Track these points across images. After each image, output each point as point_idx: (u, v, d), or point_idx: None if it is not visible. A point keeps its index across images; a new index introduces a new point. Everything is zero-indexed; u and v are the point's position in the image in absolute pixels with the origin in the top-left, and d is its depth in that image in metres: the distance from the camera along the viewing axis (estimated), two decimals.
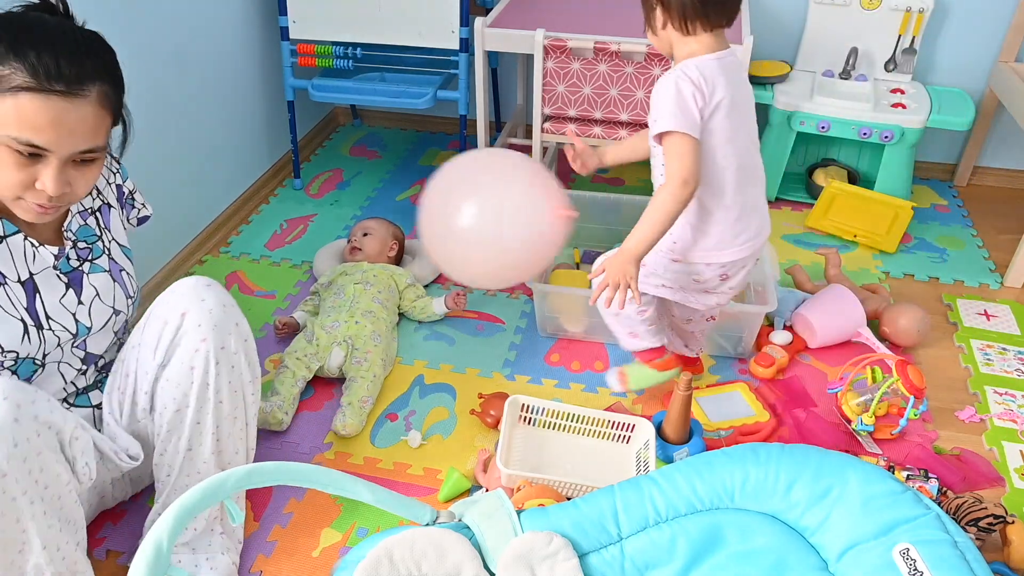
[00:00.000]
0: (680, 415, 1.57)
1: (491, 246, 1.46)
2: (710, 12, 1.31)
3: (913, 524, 1.04)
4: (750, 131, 1.44)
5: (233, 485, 0.99)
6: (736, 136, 1.39)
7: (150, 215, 1.49)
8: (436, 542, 1.09)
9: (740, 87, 1.39)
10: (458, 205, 1.48)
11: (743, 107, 1.40)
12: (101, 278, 1.32)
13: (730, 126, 1.36)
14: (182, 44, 2.06)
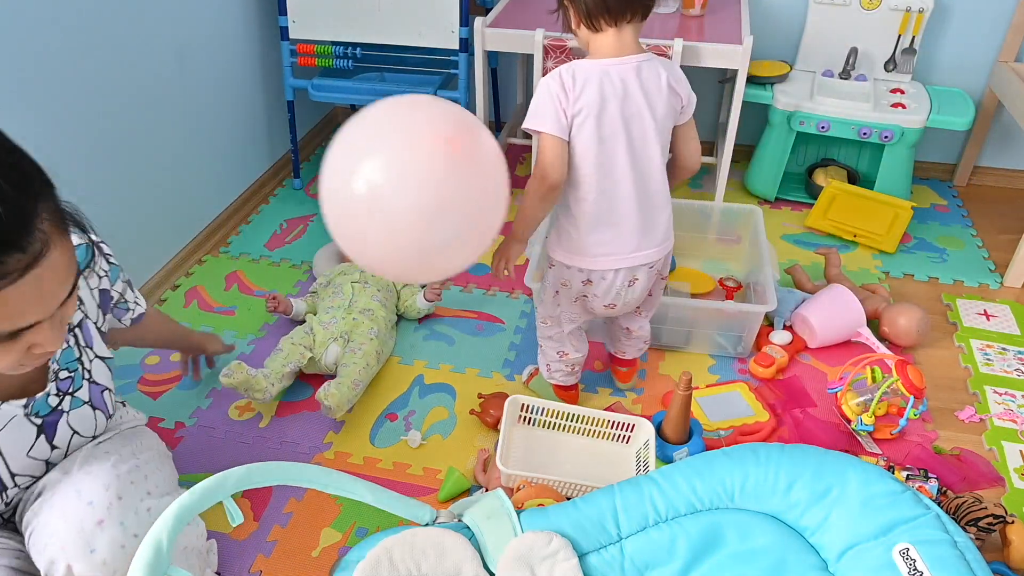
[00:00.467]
0: (680, 415, 1.57)
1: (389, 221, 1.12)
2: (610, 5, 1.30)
3: (913, 524, 1.04)
4: (634, 146, 1.38)
5: (233, 485, 0.99)
6: (605, 146, 1.36)
7: (144, 311, 1.37)
8: (436, 542, 1.09)
9: (627, 98, 1.35)
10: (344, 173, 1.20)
11: (622, 118, 1.35)
12: (80, 413, 1.17)
13: (597, 134, 1.35)
14: (182, 44, 2.06)
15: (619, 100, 1.35)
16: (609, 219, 1.41)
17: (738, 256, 2.18)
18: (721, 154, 2.26)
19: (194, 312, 2.04)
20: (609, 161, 1.37)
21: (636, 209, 1.41)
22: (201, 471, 1.58)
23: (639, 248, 1.44)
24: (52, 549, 1.05)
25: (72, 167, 1.76)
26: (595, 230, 1.42)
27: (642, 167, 1.39)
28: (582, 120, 1.34)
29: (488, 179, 1.16)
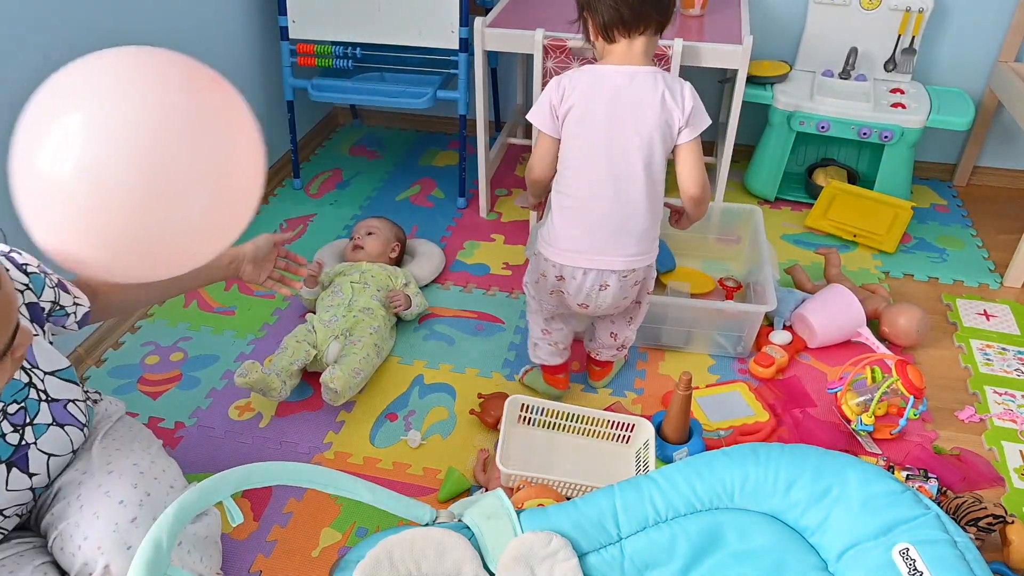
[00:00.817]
0: (680, 415, 1.57)
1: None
2: (625, 17, 1.35)
3: (913, 524, 1.04)
4: (614, 151, 1.40)
5: (233, 485, 0.99)
6: (586, 146, 1.41)
7: (89, 308, 1.22)
8: (436, 542, 1.09)
9: (614, 104, 1.38)
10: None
11: (606, 122, 1.39)
12: (48, 437, 1.11)
13: (581, 134, 1.40)
14: (182, 44, 2.06)
15: (606, 104, 1.39)
16: (582, 218, 1.44)
17: (738, 256, 2.18)
18: (721, 154, 2.26)
19: (194, 312, 2.04)
20: (588, 161, 1.41)
21: (608, 214, 1.43)
22: (201, 471, 1.58)
23: (608, 253, 1.45)
24: (87, 551, 1.06)
25: None
26: (569, 225, 1.45)
27: (619, 173, 1.41)
28: (570, 119, 1.41)
29: (224, 139, 0.98)
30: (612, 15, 1.36)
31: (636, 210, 1.44)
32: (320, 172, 2.70)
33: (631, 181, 1.41)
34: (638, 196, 1.43)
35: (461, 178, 2.46)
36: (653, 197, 1.45)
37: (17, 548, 1.11)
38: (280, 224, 2.41)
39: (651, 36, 1.40)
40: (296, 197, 2.55)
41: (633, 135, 1.39)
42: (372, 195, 2.57)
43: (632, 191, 1.42)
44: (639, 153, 1.40)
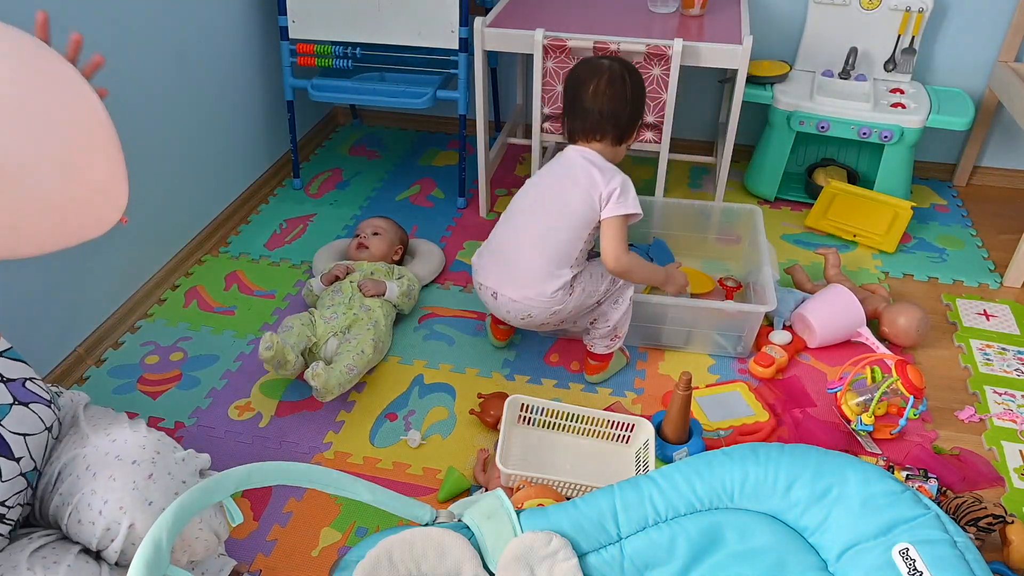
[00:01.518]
0: (679, 415, 1.57)
1: None
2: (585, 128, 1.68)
3: (912, 524, 1.04)
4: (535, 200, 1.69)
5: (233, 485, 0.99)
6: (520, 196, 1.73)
7: None
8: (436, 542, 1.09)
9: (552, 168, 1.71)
10: None
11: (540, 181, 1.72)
12: (13, 418, 1.08)
13: (539, 175, 1.74)
14: (182, 44, 2.06)
15: (548, 167, 1.71)
16: (494, 234, 1.74)
17: (738, 256, 2.18)
18: (721, 154, 2.26)
19: (194, 312, 2.04)
20: (516, 198, 1.73)
21: (506, 240, 1.70)
22: None
23: (499, 276, 1.69)
24: (109, 513, 1.05)
25: None
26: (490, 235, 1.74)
27: (528, 214, 1.68)
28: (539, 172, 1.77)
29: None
30: (573, 123, 1.69)
31: (525, 256, 1.65)
32: (320, 172, 2.70)
33: (530, 228, 1.66)
34: (530, 240, 1.65)
35: (461, 178, 2.46)
36: (549, 248, 1.64)
37: (47, 539, 1.10)
38: (280, 224, 2.41)
39: (608, 145, 1.68)
40: (296, 197, 2.55)
41: (552, 197, 1.66)
42: (372, 195, 2.57)
43: (527, 235, 1.66)
44: (552, 208, 1.65)
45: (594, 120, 1.65)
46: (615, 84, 1.63)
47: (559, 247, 1.63)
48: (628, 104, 1.65)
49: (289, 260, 2.24)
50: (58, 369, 1.78)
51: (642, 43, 1.97)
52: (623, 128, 1.67)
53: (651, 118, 2.11)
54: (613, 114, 1.64)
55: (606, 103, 1.63)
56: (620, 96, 1.64)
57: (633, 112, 1.67)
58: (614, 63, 1.67)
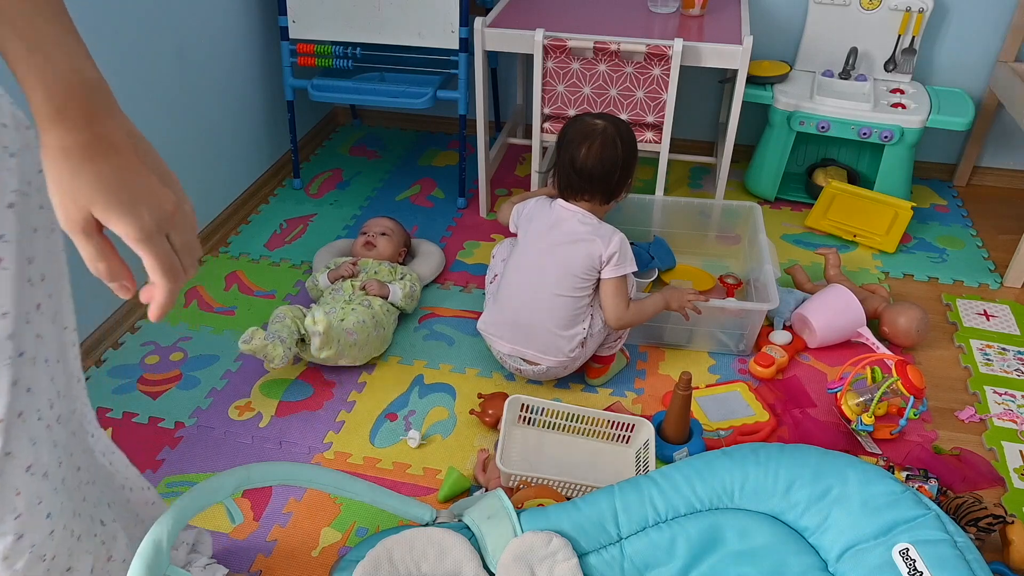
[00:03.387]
0: (680, 415, 1.57)
1: None
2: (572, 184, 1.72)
3: (913, 524, 1.04)
4: (532, 261, 1.71)
5: (233, 485, 0.99)
6: (520, 247, 1.76)
7: None
8: (436, 542, 1.09)
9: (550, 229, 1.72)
10: None
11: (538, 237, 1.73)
12: None
13: (528, 228, 1.77)
14: (182, 44, 2.06)
15: (543, 226, 1.72)
16: (500, 299, 1.75)
17: (738, 254, 2.18)
18: (721, 154, 2.26)
19: (194, 312, 2.04)
20: (518, 264, 1.74)
21: (517, 307, 1.71)
22: (201, 471, 1.59)
23: (514, 342, 1.71)
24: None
25: None
26: (497, 304, 1.76)
27: (534, 280, 1.69)
28: (524, 215, 1.80)
29: None
30: (564, 181, 1.71)
31: (539, 316, 1.68)
32: (320, 172, 2.70)
33: (540, 288, 1.68)
34: (543, 303, 1.67)
35: (461, 178, 2.46)
36: (560, 311, 1.66)
37: None
38: (280, 224, 2.41)
39: (596, 204, 1.72)
40: (296, 197, 2.55)
41: (551, 256, 1.68)
42: (372, 195, 2.56)
43: (538, 297, 1.68)
44: (552, 269, 1.67)
45: (585, 181, 1.68)
46: (607, 148, 1.66)
47: (567, 316, 1.67)
48: (619, 168, 1.68)
49: (289, 260, 2.24)
50: None
51: (642, 43, 1.97)
52: (612, 190, 1.71)
53: (651, 118, 2.11)
54: (604, 177, 1.68)
55: (598, 166, 1.66)
56: (612, 160, 1.67)
57: (623, 175, 1.71)
58: (608, 125, 1.69)
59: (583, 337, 1.68)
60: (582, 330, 1.68)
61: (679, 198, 2.22)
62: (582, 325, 1.68)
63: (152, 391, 1.79)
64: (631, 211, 2.16)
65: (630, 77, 2.05)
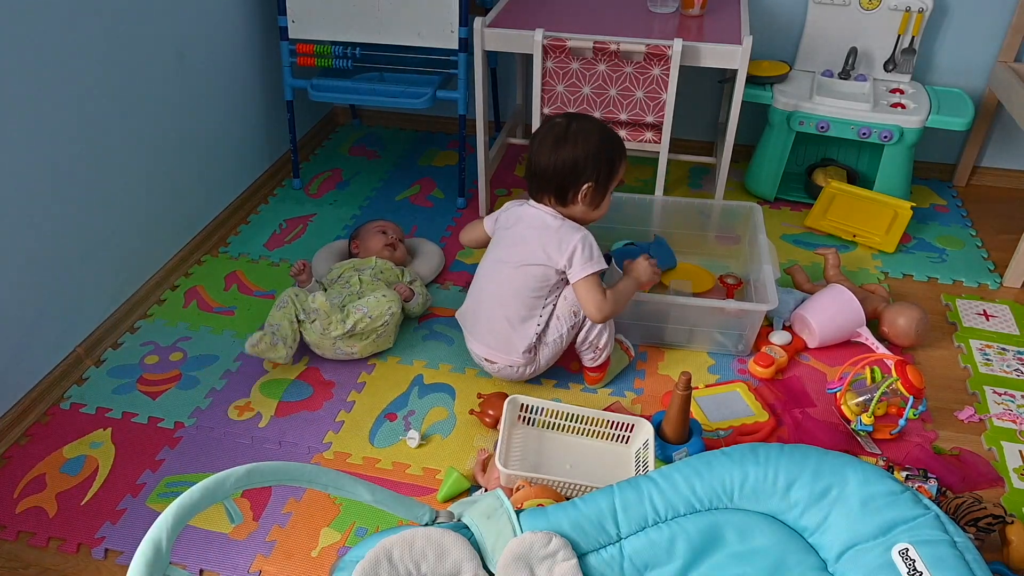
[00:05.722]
0: (679, 415, 1.57)
1: None
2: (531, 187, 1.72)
3: (912, 524, 1.04)
4: (497, 259, 1.71)
5: (232, 485, 0.99)
6: (490, 248, 1.78)
7: None
8: (435, 542, 1.09)
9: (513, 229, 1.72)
10: None
11: (505, 238, 1.73)
12: None
13: (500, 236, 1.76)
14: (182, 44, 2.06)
15: (509, 228, 1.73)
16: (472, 292, 1.78)
17: (738, 254, 2.18)
18: (721, 154, 2.26)
19: (193, 312, 2.04)
20: (484, 261, 1.77)
21: (478, 304, 1.74)
22: (201, 471, 1.59)
23: (475, 336, 1.75)
24: None
25: (72, 166, 1.76)
26: (470, 291, 1.80)
27: (495, 273, 1.71)
28: (500, 224, 1.77)
29: None
30: (527, 181, 1.72)
31: (494, 313, 1.70)
32: (320, 172, 2.70)
33: (498, 286, 1.70)
34: (497, 301, 1.69)
35: (461, 178, 2.46)
36: (514, 304, 1.68)
37: None
38: (280, 224, 2.41)
39: (555, 204, 1.68)
40: (296, 197, 2.55)
41: (511, 257, 1.68)
42: (372, 195, 2.56)
43: (493, 296, 1.70)
44: (512, 271, 1.67)
45: (537, 180, 1.67)
46: (558, 146, 1.62)
47: (522, 305, 1.67)
48: (569, 167, 1.62)
49: (289, 260, 2.24)
50: (58, 369, 1.78)
51: (642, 43, 1.97)
52: (558, 189, 1.65)
53: (651, 118, 2.11)
54: (544, 174, 1.64)
55: (541, 163, 1.64)
56: (552, 157, 1.62)
57: (567, 174, 1.63)
58: (567, 122, 1.64)
59: (532, 340, 1.68)
60: (535, 328, 1.68)
61: (679, 198, 2.22)
62: (535, 323, 1.68)
63: (152, 391, 1.79)
64: (631, 211, 2.16)
65: (630, 77, 2.05)
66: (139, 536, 0.89)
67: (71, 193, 1.77)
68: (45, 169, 1.69)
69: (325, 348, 1.82)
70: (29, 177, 1.65)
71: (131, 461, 1.62)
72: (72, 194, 1.77)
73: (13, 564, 1.43)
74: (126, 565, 1.34)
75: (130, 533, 1.46)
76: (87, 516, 1.51)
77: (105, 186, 1.87)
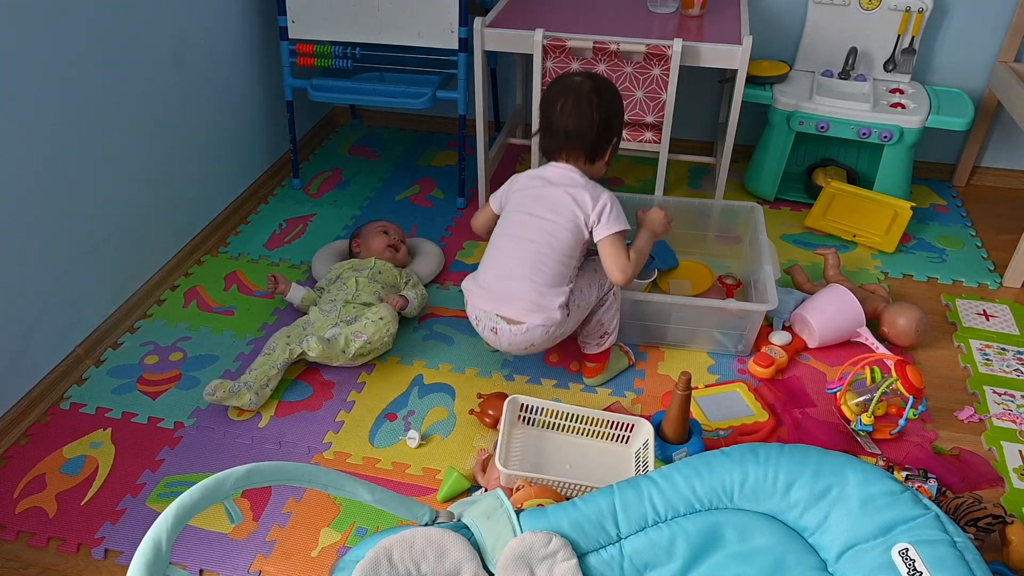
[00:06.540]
0: (679, 415, 1.57)
1: None
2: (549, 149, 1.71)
3: (912, 524, 1.04)
4: (518, 224, 1.67)
5: (232, 485, 0.99)
6: (506, 215, 1.72)
7: None
8: (435, 542, 1.09)
9: (535, 193, 1.69)
10: None
11: (525, 202, 1.69)
12: None
13: (508, 206, 1.73)
14: (182, 44, 2.06)
15: (529, 191, 1.70)
16: (488, 261, 1.71)
17: (738, 254, 2.18)
18: (721, 154, 2.26)
19: (193, 312, 2.04)
20: (503, 226, 1.72)
21: (499, 268, 1.68)
22: (201, 471, 1.59)
23: (494, 302, 1.66)
24: None
25: (71, 166, 1.76)
26: (481, 263, 1.73)
27: (522, 237, 1.65)
28: (510, 195, 1.74)
29: None
30: (546, 143, 1.70)
31: (516, 275, 1.65)
32: (320, 172, 2.70)
33: (523, 250, 1.65)
34: (520, 266, 1.64)
35: (460, 178, 2.46)
36: (545, 278, 1.63)
37: None
38: (280, 224, 2.41)
39: (581, 163, 1.68)
40: (296, 197, 2.55)
41: (539, 219, 1.65)
42: (372, 195, 2.56)
43: (518, 259, 1.65)
44: (541, 232, 1.64)
45: (561, 140, 1.66)
46: (581, 104, 1.62)
47: (552, 273, 1.63)
48: (595, 124, 1.63)
49: (289, 260, 2.24)
50: (58, 370, 1.78)
51: (642, 43, 1.97)
52: (592, 148, 1.66)
53: (650, 118, 2.11)
54: (579, 134, 1.64)
55: (572, 123, 1.63)
56: (587, 116, 1.62)
57: (601, 132, 1.65)
58: (586, 81, 1.65)
59: (564, 300, 1.63)
60: (563, 295, 1.64)
61: (679, 198, 2.22)
62: (568, 280, 1.65)
63: (152, 391, 1.79)
64: (631, 211, 2.15)
65: (629, 77, 2.05)
66: (139, 536, 0.89)
67: (71, 193, 1.77)
68: (45, 169, 1.69)
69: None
70: (29, 177, 1.65)
71: (131, 461, 1.62)
72: (72, 194, 1.77)
73: (13, 564, 1.43)
74: (126, 565, 1.34)
75: (130, 533, 1.46)
76: (87, 516, 1.51)
77: (105, 186, 1.87)
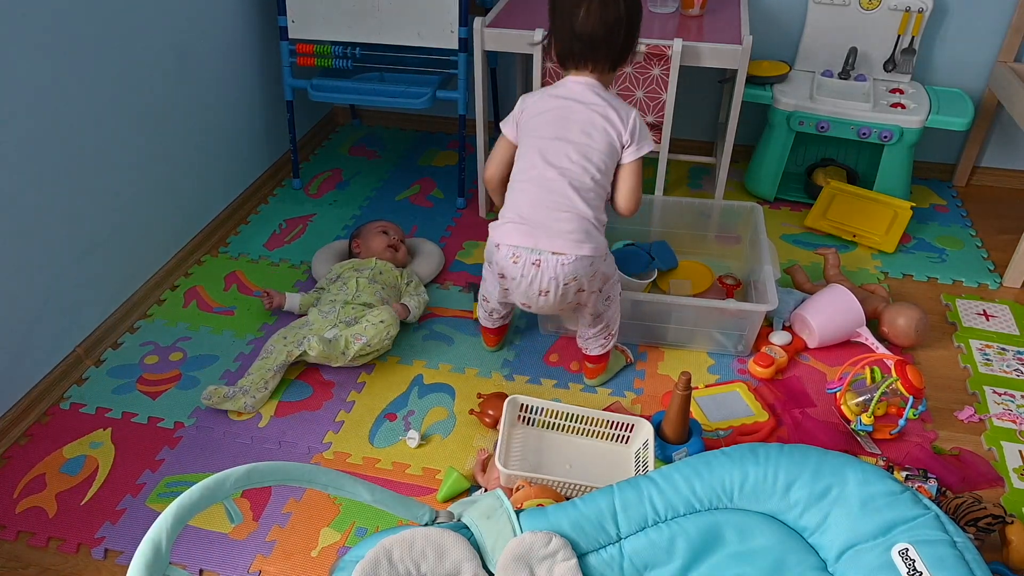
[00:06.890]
0: (679, 415, 1.57)
1: None
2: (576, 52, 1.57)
3: (912, 524, 1.04)
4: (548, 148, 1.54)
5: (232, 485, 0.99)
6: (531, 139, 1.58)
7: None
8: (435, 542, 1.09)
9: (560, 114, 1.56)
10: None
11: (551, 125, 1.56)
12: None
13: (529, 130, 1.60)
14: (181, 44, 2.06)
15: (551, 114, 1.57)
16: (518, 195, 1.57)
17: (738, 254, 2.18)
18: (721, 154, 2.26)
19: (193, 312, 2.04)
20: (527, 156, 1.58)
21: (535, 199, 1.54)
22: (201, 471, 1.59)
23: (534, 236, 1.52)
24: None
25: (71, 166, 1.76)
26: (508, 201, 1.58)
27: (552, 166, 1.53)
28: (525, 120, 1.61)
29: None
30: (565, 50, 1.57)
31: (560, 204, 1.52)
32: (320, 172, 2.70)
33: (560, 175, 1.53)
34: (564, 191, 1.52)
35: (460, 178, 2.46)
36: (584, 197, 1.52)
37: None
38: (279, 224, 2.41)
39: (604, 72, 1.58)
40: (296, 197, 2.55)
41: (569, 141, 1.54)
42: (372, 195, 2.56)
43: (558, 184, 1.53)
44: (574, 154, 1.53)
45: (587, 47, 1.54)
46: (608, 5, 1.50)
47: (592, 200, 1.53)
48: (623, 27, 1.53)
49: (288, 260, 2.24)
50: (57, 370, 1.78)
51: (642, 43, 1.97)
52: (618, 53, 1.56)
53: (650, 118, 2.11)
54: (607, 39, 1.53)
55: (600, 27, 1.51)
56: (615, 18, 1.51)
57: (629, 36, 1.55)
58: None
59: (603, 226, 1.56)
60: (604, 222, 1.55)
61: (679, 198, 2.22)
62: (605, 216, 1.57)
63: (151, 391, 1.79)
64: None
65: (629, 77, 2.05)
66: (139, 536, 0.89)
67: (70, 193, 1.77)
68: (45, 169, 1.69)
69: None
70: (28, 177, 1.65)
71: (131, 461, 1.62)
72: (71, 194, 1.77)
73: (13, 564, 1.43)
74: (126, 565, 1.34)
75: (130, 533, 1.46)
76: (87, 516, 1.51)
77: (104, 186, 1.87)
